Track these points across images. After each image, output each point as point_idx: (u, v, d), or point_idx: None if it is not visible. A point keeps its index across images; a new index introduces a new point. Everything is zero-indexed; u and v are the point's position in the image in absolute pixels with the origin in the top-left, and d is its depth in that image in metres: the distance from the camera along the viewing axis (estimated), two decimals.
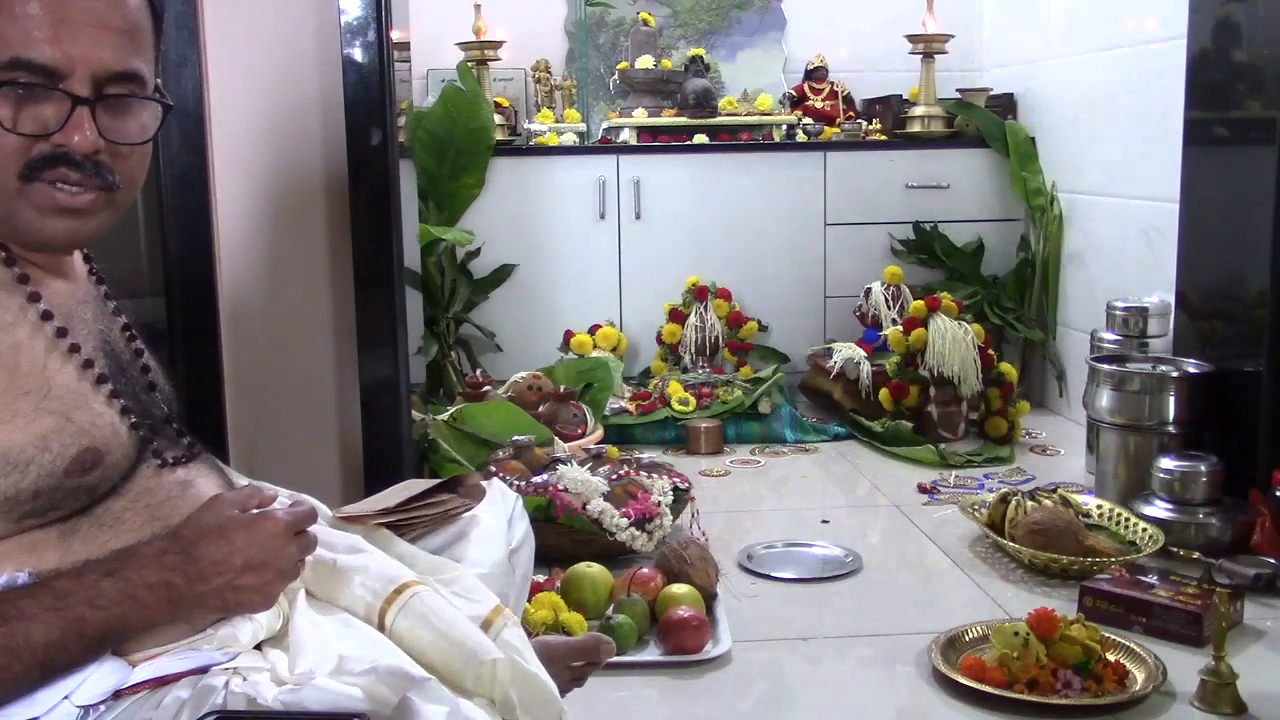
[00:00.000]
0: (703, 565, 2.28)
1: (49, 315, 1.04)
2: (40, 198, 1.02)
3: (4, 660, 0.88)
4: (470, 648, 1.11)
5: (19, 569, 0.97)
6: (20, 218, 1.02)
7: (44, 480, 0.97)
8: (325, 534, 1.23)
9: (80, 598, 0.92)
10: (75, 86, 1.00)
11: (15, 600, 0.91)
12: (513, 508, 1.56)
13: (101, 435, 1.02)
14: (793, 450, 3.53)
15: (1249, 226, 2.58)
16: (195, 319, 2.21)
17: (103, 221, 1.06)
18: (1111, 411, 2.81)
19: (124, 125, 1.05)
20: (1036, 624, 1.92)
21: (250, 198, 2.24)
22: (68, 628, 0.91)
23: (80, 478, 1.00)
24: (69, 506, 1.00)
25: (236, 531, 0.98)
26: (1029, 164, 3.93)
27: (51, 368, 1.01)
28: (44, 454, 0.97)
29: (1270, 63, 2.52)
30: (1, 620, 0.89)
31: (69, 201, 1.03)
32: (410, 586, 1.15)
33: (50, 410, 0.99)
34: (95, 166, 1.03)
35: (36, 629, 0.90)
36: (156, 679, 1.00)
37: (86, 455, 1.00)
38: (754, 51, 4.41)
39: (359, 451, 2.34)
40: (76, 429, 1.00)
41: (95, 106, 1.02)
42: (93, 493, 1.01)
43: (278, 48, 2.21)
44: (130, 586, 0.94)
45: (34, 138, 1.00)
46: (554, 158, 3.98)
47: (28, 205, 1.02)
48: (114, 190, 1.05)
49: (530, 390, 3.32)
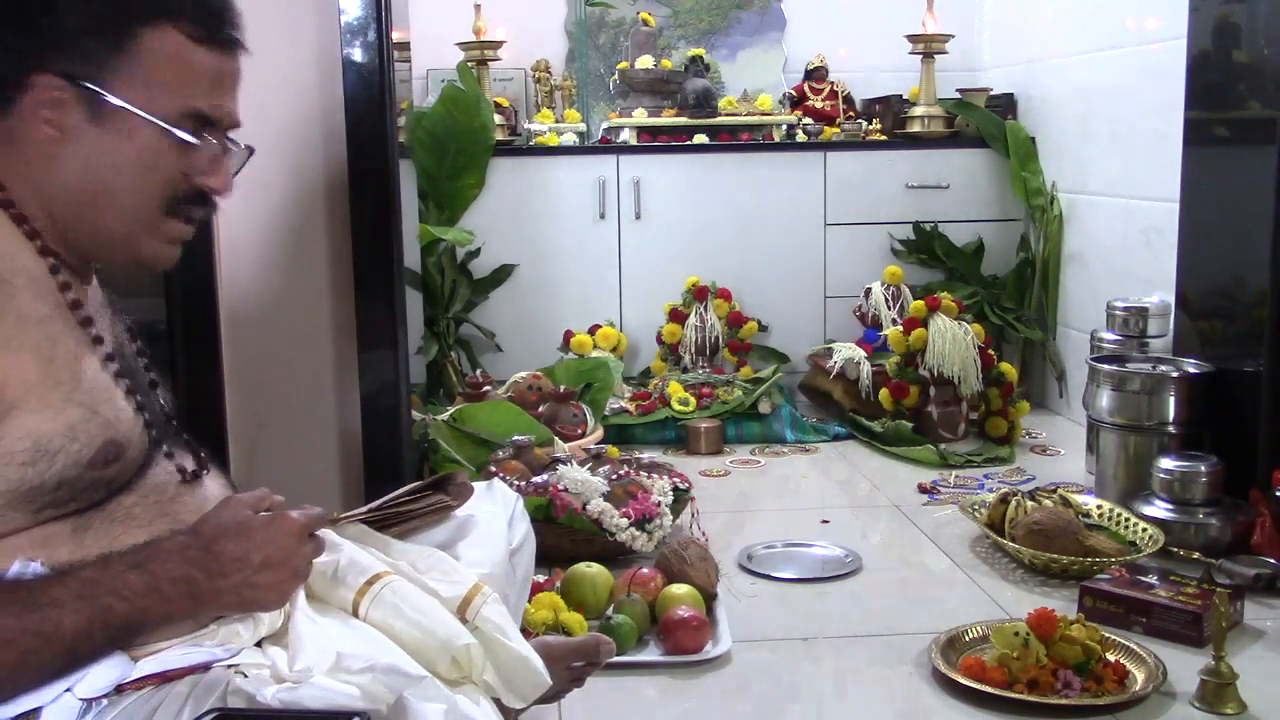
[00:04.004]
0: (703, 565, 2.28)
1: (78, 304, 1.07)
2: (174, 231, 1.10)
3: (36, 645, 0.89)
4: (442, 635, 1.12)
5: (32, 560, 0.98)
6: (144, 245, 1.09)
7: (69, 471, 0.99)
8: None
9: (107, 588, 0.93)
10: (221, 135, 1.10)
11: (46, 587, 0.92)
12: (513, 508, 1.56)
13: (124, 429, 1.04)
14: (793, 450, 3.53)
15: (1249, 226, 2.58)
16: (195, 319, 2.21)
17: None
18: (1111, 411, 2.81)
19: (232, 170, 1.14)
20: (1036, 624, 1.92)
21: (250, 197, 2.24)
22: (95, 617, 0.92)
23: (102, 470, 1.02)
24: (86, 499, 1.02)
25: (255, 530, 1.00)
26: (1029, 164, 3.93)
27: (83, 361, 1.04)
28: (72, 444, 0.99)
29: (1270, 63, 2.52)
30: (35, 606, 0.90)
31: (186, 235, 1.12)
32: (382, 577, 1.17)
33: (79, 402, 1.01)
34: (214, 207, 1.13)
35: (67, 617, 0.91)
36: (159, 674, 1.01)
37: (110, 448, 1.02)
38: (754, 51, 4.41)
39: (359, 451, 2.34)
40: (102, 421, 1.02)
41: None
42: (110, 486, 1.04)
43: (278, 48, 2.21)
44: (154, 579, 0.95)
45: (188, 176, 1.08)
46: (554, 158, 3.97)
47: (156, 236, 1.09)
48: None
49: (530, 390, 3.32)
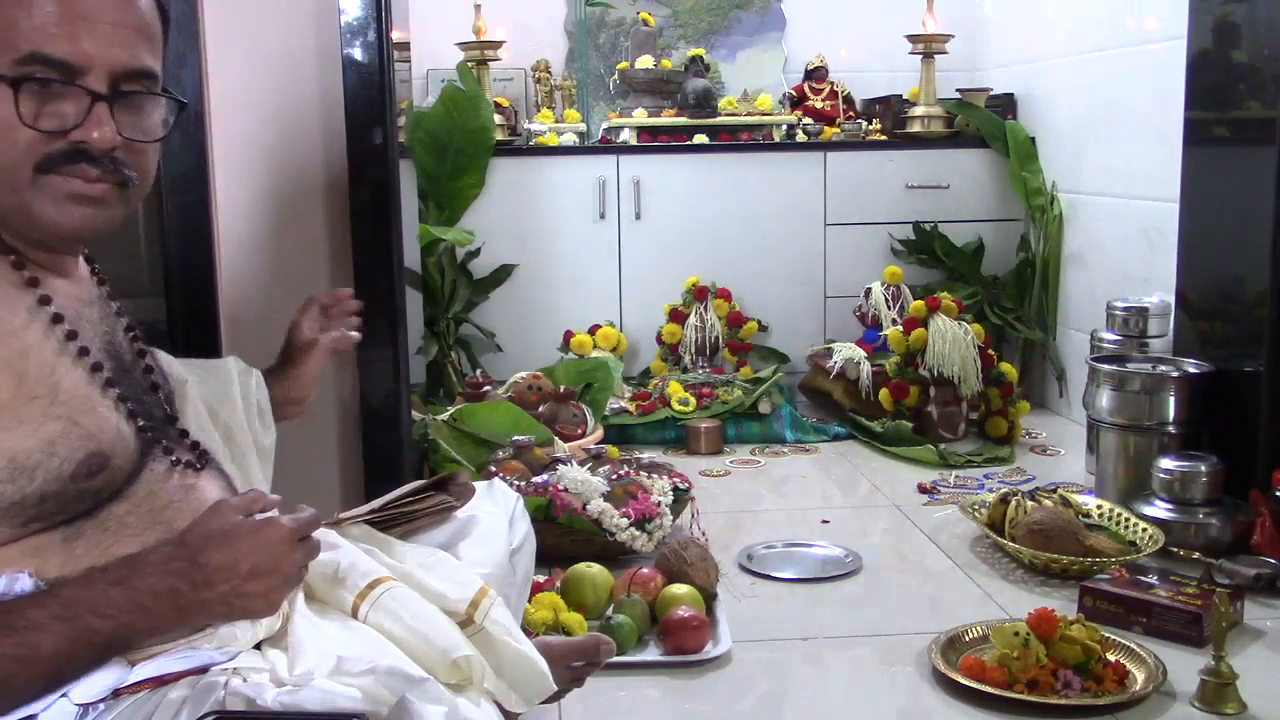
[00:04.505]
0: (703, 565, 2.28)
1: (59, 318, 1.04)
2: (56, 187, 1.02)
3: (13, 669, 0.88)
4: (441, 644, 1.12)
5: (20, 571, 0.96)
6: (35, 209, 1.02)
7: (50, 485, 0.97)
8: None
9: (88, 606, 0.91)
10: (93, 83, 1.01)
11: (24, 610, 0.91)
12: (513, 508, 1.57)
13: (108, 439, 1.02)
14: (793, 450, 3.53)
15: (1249, 226, 2.58)
16: (195, 319, 2.21)
17: (115, 214, 1.07)
18: (1111, 411, 2.81)
19: (140, 122, 1.06)
20: (1036, 624, 1.92)
21: (250, 197, 2.24)
22: (77, 637, 0.90)
23: (86, 482, 0.99)
24: (74, 510, 1.00)
25: (242, 538, 0.96)
26: (1029, 164, 3.93)
27: (60, 372, 1.01)
28: (51, 459, 0.97)
29: (1270, 63, 2.51)
30: (10, 630, 0.89)
31: (84, 189, 1.03)
32: (383, 582, 1.16)
33: (57, 415, 0.98)
34: (113, 163, 1.03)
35: (46, 639, 0.89)
36: (155, 678, 1.00)
37: (93, 459, 1.00)
38: (754, 51, 4.41)
39: (359, 451, 2.34)
40: (84, 433, 0.99)
41: (113, 103, 1.02)
42: (97, 496, 1.01)
43: (278, 47, 2.20)
44: (138, 595, 0.93)
45: (52, 134, 1.01)
46: (554, 158, 3.97)
47: (43, 196, 1.02)
48: (129, 186, 1.06)
49: (530, 390, 3.32)
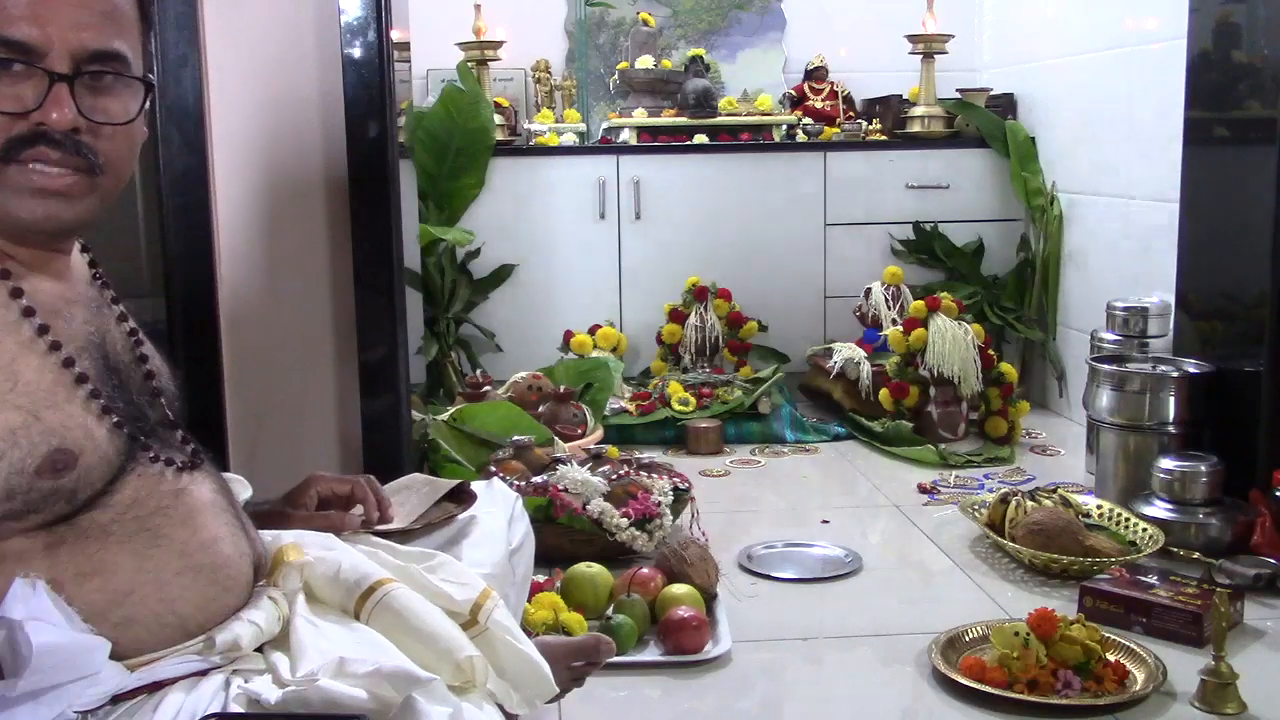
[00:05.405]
0: (703, 565, 2.28)
1: (30, 311, 1.01)
2: (18, 180, 1.00)
3: None
4: (443, 646, 1.11)
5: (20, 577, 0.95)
6: (3, 204, 1.00)
7: (14, 478, 0.95)
8: (300, 533, 1.23)
9: None
10: (53, 64, 0.99)
11: None
12: (513, 508, 1.57)
13: (73, 437, 0.99)
14: (793, 450, 3.53)
15: (1249, 226, 2.58)
16: (195, 319, 2.21)
17: (87, 208, 1.04)
18: (1111, 411, 2.81)
19: (105, 105, 1.03)
20: (1036, 624, 1.92)
21: (250, 198, 2.24)
22: None
23: (54, 480, 0.97)
24: (49, 511, 0.97)
25: None
26: (1029, 164, 3.94)
27: (21, 363, 0.98)
28: (13, 449, 0.95)
29: (1270, 63, 2.51)
30: None
31: (47, 183, 1.01)
32: (383, 584, 1.15)
33: (16, 405, 0.96)
34: (76, 146, 1.01)
35: None
36: (154, 683, 0.99)
37: (58, 456, 0.97)
38: (754, 51, 4.41)
39: (359, 451, 2.34)
40: (45, 428, 0.97)
41: (74, 84, 1.00)
42: (72, 499, 0.98)
43: (278, 47, 2.21)
44: None
45: (12, 116, 0.99)
46: (554, 158, 3.97)
47: (5, 189, 1.00)
48: (96, 174, 1.03)
49: (530, 390, 3.32)
